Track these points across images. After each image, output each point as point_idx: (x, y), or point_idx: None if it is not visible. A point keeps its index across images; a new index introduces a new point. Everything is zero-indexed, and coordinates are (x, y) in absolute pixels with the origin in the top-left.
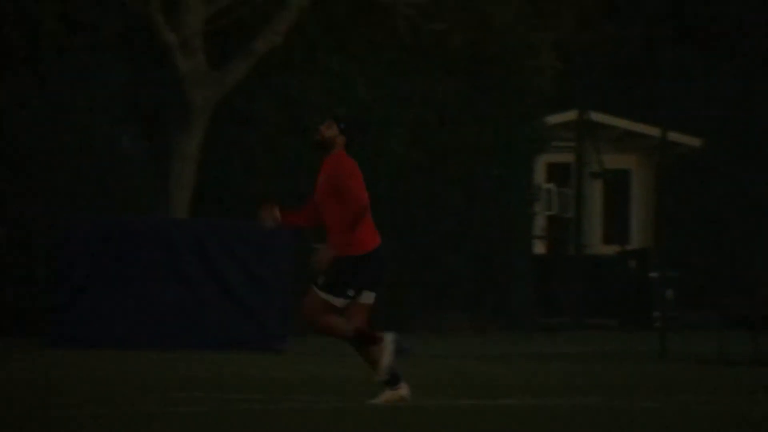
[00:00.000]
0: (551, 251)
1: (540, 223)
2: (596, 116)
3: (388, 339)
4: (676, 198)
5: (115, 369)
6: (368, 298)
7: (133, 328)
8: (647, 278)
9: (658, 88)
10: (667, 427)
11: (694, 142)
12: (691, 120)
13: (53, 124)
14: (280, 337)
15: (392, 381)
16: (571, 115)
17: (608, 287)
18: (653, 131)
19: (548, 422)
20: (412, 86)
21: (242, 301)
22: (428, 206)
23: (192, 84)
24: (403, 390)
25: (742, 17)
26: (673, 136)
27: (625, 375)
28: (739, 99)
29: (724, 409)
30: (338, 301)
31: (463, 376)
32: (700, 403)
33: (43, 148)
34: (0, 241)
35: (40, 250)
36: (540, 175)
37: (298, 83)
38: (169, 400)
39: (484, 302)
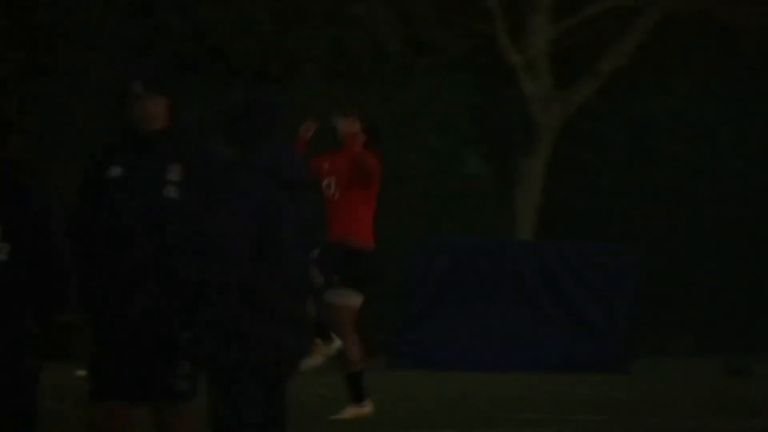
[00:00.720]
0: None
1: None
2: None
3: (367, 407)
4: None
5: (460, 390)
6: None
7: (476, 349)
8: None
9: None
10: None
11: None
12: None
13: (399, 144)
14: (626, 358)
15: (358, 397)
16: None
17: None
18: None
19: None
20: (759, 106)
21: (588, 323)
22: None
23: (538, 105)
24: (368, 407)
25: None
26: None
27: None
28: None
29: None
30: (359, 299)
31: None
32: None
33: (388, 167)
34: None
35: (387, 269)
36: None
37: (644, 104)
38: (518, 421)
39: None
